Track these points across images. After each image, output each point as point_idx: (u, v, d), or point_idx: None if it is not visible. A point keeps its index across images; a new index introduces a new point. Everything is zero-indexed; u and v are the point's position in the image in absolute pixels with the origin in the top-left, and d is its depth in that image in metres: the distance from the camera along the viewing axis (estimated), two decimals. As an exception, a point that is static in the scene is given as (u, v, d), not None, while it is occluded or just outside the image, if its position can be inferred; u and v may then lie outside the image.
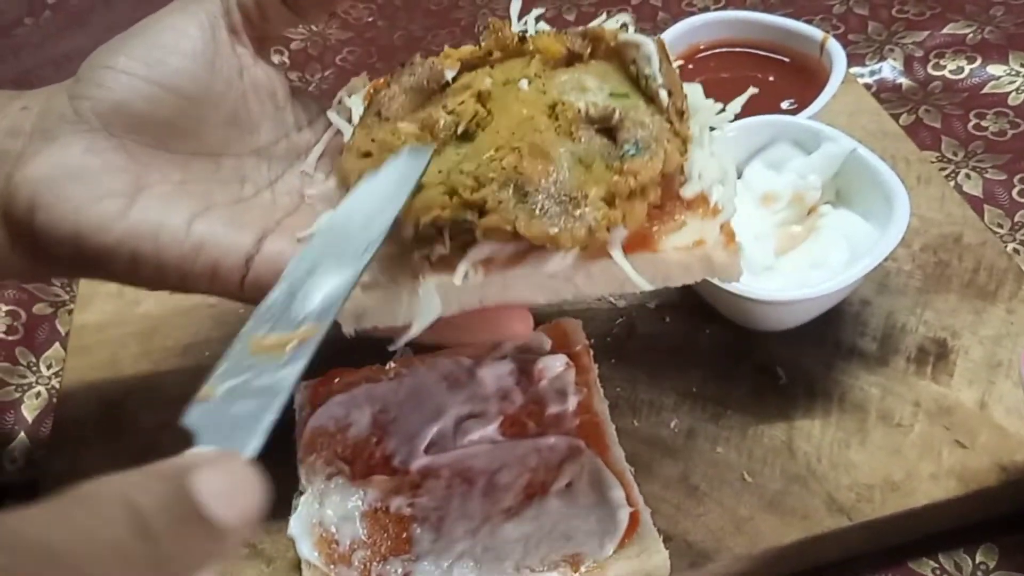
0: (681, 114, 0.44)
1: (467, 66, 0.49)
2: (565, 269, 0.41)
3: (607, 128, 0.43)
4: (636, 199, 0.41)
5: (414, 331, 0.42)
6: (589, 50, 0.48)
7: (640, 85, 0.45)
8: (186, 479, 0.29)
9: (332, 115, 0.51)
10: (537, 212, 0.40)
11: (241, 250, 0.46)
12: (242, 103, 0.50)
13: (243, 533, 0.30)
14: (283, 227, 0.48)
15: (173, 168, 0.49)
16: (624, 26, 0.49)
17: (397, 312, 0.42)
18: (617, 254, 0.41)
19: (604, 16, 0.50)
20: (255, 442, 0.34)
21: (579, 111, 0.43)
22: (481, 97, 0.46)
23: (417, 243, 0.42)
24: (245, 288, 0.46)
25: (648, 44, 0.46)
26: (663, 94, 0.44)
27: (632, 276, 0.41)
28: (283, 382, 0.36)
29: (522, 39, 0.49)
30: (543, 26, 0.51)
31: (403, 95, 0.48)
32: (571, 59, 0.48)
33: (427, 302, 0.41)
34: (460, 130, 0.45)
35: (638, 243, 0.42)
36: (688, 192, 0.43)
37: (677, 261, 0.42)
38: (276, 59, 0.93)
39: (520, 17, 0.51)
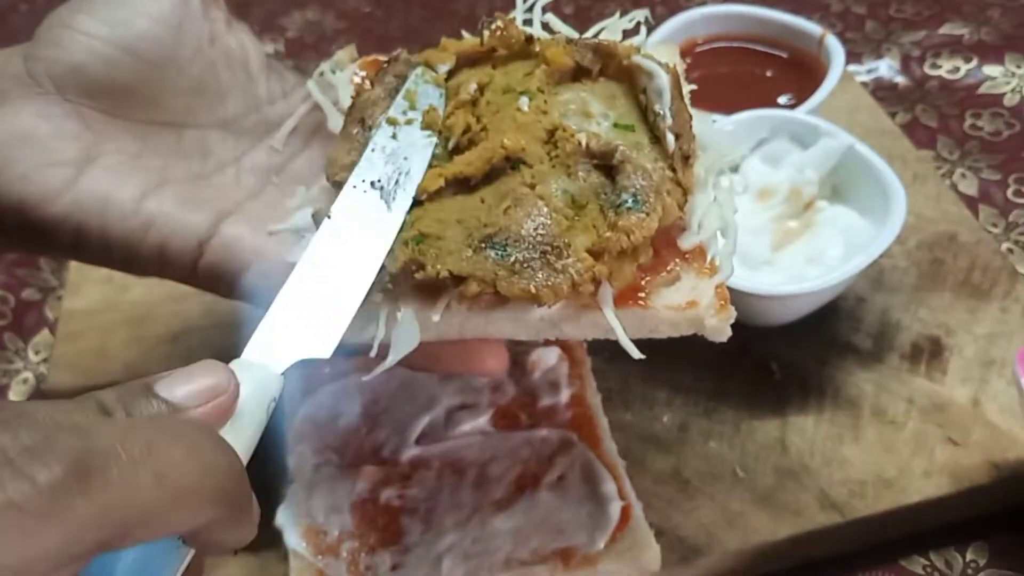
0: (687, 158, 0.41)
1: (467, 61, 0.47)
2: (551, 315, 0.39)
3: (607, 166, 0.40)
4: (626, 259, 0.38)
5: (390, 360, 0.39)
6: (599, 67, 0.44)
7: (648, 118, 0.42)
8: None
9: (313, 89, 0.48)
10: (517, 267, 0.37)
11: (194, 231, 0.43)
12: (210, 71, 0.47)
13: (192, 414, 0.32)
14: (245, 210, 0.45)
15: (130, 138, 0.46)
16: (637, 49, 0.44)
17: (374, 334, 0.39)
18: (607, 310, 0.38)
19: (617, 15, 0.47)
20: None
21: (579, 144, 0.40)
22: (476, 107, 0.43)
23: (401, 273, 0.39)
24: (199, 272, 0.44)
25: (661, 77, 0.42)
26: (670, 138, 0.40)
27: (620, 336, 0.38)
28: None
29: (528, 39, 0.45)
30: (551, 18, 0.47)
31: (387, 99, 0.45)
32: (579, 73, 0.44)
33: (406, 331, 0.39)
34: (451, 146, 0.42)
35: (627, 295, 0.39)
36: (686, 243, 0.40)
37: (667, 318, 0.39)
38: (271, 47, 0.93)
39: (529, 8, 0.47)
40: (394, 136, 0.43)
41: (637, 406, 0.56)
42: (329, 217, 0.40)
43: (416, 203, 0.40)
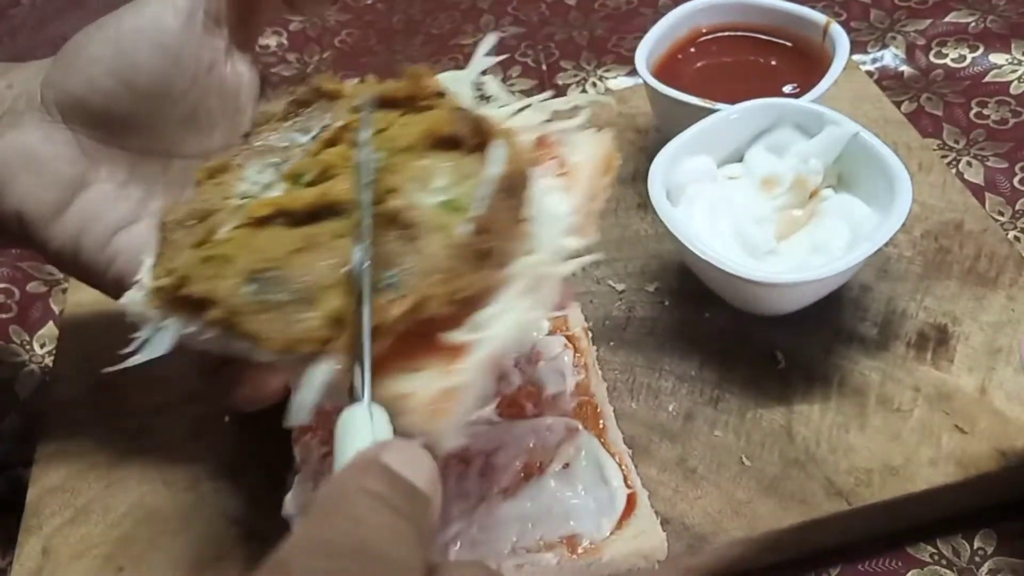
0: (485, 256, 0.38)
1: (387, 103, 0.45)
2: (273, 358, 0.39)
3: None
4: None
5: (136, 359, 0.42)
6: (476, 142, 0.41)
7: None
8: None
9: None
10: (265, 308, 0.38)
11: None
12: (202, 102, 0.50)
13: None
14: None
15: (121, 166, 0.50)
16: (506, 131, 0.42)
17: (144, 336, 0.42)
18: (317, 369, 0.37)
19: (549, 94, 0.45)
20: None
21: (392, 210, 0.39)
22: (338, 156, 0.43)
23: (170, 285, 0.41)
24: None
25: (493, 169, 0.39)
26: (465, 227, 0.38)
27: (299, 395, 0.37)
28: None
29: (438, 95, 0.44)
30: (489, 81, 0.46)
31: (283, 121, 0.46)
32: (456, 143, 0.42)
33: (160, 337, 0.41)
34: (307, 180, 0.43)
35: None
36: (447, 338, 0.37)
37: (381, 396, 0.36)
38: (274, 40, 0.93)
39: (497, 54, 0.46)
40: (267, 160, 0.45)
41: (643, 395, 0.56)
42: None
43: (244, 225, 0.41)
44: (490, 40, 0.46)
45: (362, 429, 0.34)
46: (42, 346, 0.68)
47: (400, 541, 0.30)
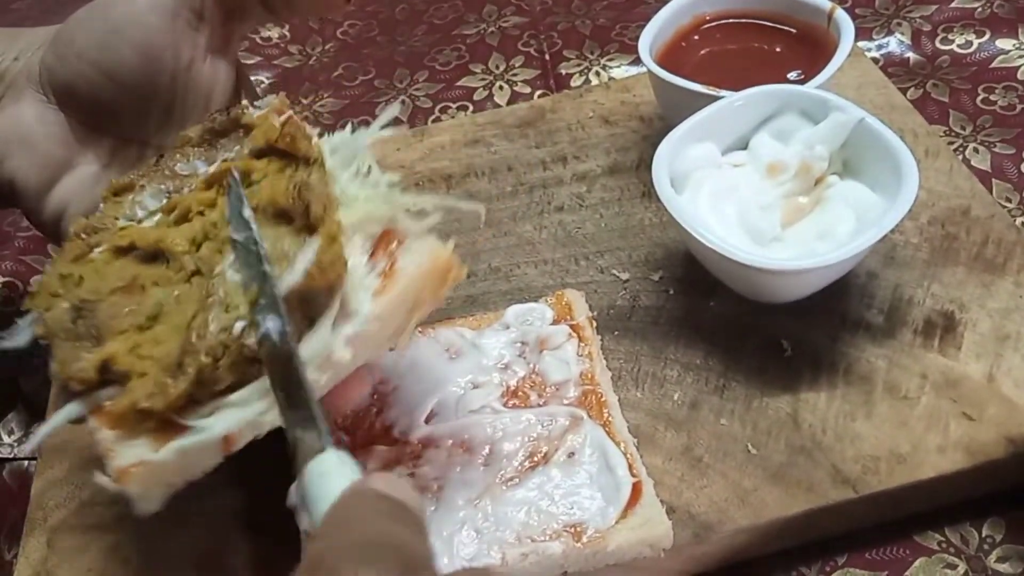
0: (252, 361, 0.40)
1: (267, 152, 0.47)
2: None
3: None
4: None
5: None
6: (303, 224, 0.43)
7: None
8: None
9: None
10: (70, 336, 0.42)
11: None
12: (180, 98, 0.53)
13: None
14: None
15: (104, 150, 0.53)
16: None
17: None
18: (64, 408, 0.42)
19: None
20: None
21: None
22: (201, 200, 0.46)
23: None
24: None
25: (289, 275, 0.40)
26: (238, 326, 0.40)
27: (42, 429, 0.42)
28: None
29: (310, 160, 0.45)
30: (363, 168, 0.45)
31: (196, 146, 0.49)
32: (289, 218, 0.43)
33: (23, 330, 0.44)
34: (173, 217, 0.46)
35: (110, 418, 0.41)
36: (177, 418, 0.40)
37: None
38: (276, 32, 0.93)
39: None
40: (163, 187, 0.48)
41: (647, 384, 0.56)
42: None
43: (108, 250, 0.45)
44: (391, 111, 0.46)
45: (338, 471, 0.36)
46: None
47: (409, 537, 0.32)
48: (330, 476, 0.35)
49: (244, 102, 0.51)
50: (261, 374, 0.40)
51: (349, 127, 0.47)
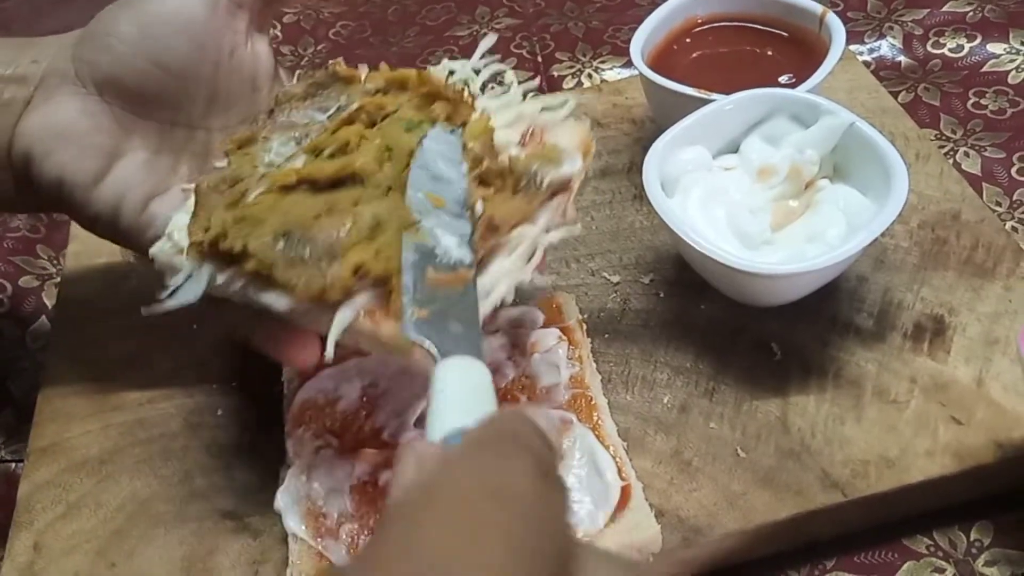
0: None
1: (396, 85, 0.52)
2: (301, 308, 0.43)
3: None
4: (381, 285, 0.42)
5: (172, 304, 0.45)
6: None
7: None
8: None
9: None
10: (296, 262, 0.43)
11: None
12: (224, 83, 0.53)
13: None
14: None
15: (152, 136, 0.52)
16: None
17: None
18: (339, 312, 0.42)
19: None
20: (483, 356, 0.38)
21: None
22: (372, 126, 0.49)
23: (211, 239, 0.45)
24: None
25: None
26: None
27: (332, 332, 0.42)
28: (476, 309, 0.41)
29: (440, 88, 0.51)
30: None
31: (303, 99, 0.52)
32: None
33: (193, 283, 0.45)
34: (328, 153, 0.48)
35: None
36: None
37: (374, 341, 0.43)
38: (268, 33, 0.93)
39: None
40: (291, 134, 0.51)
41: (637, 387, 0.55)
42: None
43: (270, 191, 0.46)
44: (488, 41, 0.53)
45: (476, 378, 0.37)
46: (35, 341, 0.68)
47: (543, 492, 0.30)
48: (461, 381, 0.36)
49: (332, 61, 0.54)
50: None
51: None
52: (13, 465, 0.61)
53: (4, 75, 0.51)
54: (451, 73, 0.52)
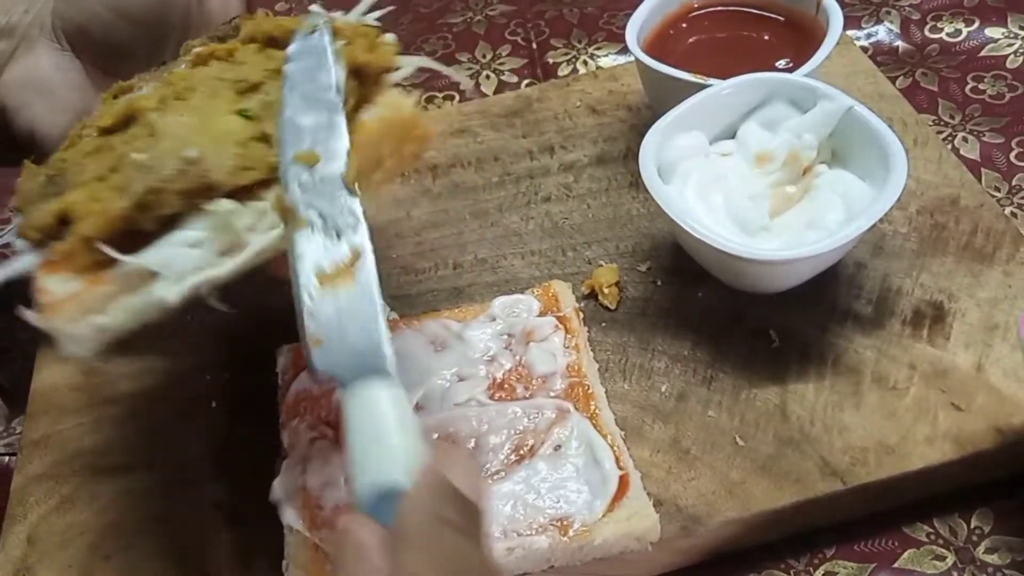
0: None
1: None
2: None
3: None
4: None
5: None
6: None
7: None
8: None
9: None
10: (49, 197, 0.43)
11: None
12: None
13: None
14: None
15: None
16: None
17: None
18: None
19: None
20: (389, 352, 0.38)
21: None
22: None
23: None
24: None
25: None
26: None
27: None
28: (374, 303, 0.39)
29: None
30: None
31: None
32: None
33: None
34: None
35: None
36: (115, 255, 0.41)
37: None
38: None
39: None
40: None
41: (635, 376, 0.55)
42: None
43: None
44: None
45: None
46: (26, 332, 0.67)
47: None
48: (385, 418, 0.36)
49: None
50: (209, 205, 0.41)
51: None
52: (7, 458, 0.60)
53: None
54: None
